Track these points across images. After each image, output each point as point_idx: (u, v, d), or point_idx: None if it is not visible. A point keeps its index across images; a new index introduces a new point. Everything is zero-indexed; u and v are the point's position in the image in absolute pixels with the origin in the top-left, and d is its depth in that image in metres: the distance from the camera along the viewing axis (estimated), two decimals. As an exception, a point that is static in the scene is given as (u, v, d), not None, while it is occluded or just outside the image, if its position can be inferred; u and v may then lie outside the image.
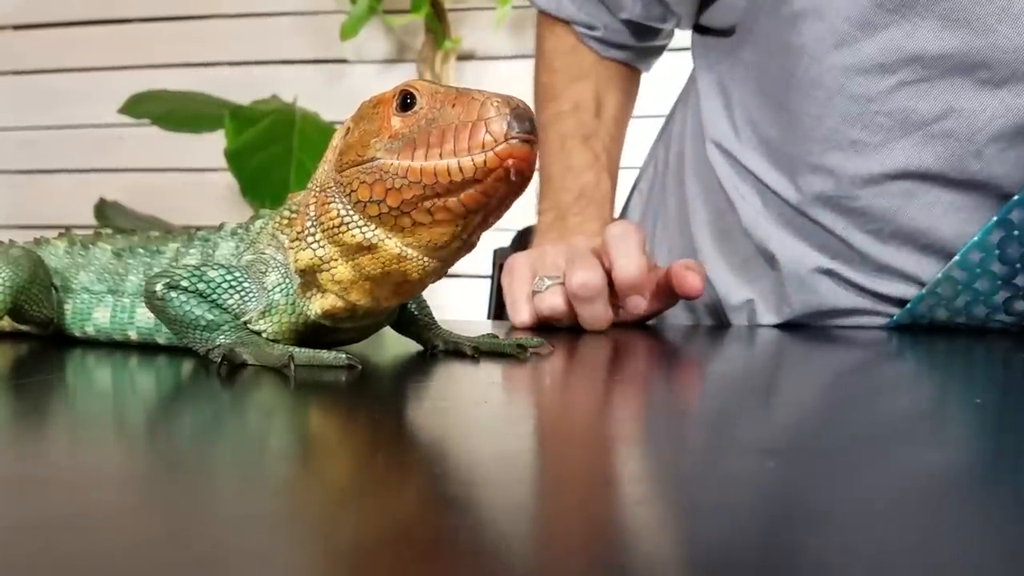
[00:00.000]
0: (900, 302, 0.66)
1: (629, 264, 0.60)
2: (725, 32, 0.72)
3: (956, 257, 0.60)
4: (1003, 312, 0.63)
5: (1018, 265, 0.59)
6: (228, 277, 0.40)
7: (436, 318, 0.48)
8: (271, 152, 1.33)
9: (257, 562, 0.15)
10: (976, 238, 0.59)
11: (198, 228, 0.46)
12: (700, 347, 0.59)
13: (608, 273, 0.61)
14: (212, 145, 1.40)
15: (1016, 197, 0.56)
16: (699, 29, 0.77)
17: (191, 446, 0.26)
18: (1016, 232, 0.57)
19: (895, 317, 0.66)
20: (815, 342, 0.61)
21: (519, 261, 0.66)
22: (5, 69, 1.74)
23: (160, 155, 1.67)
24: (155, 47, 1.68)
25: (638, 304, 0.61)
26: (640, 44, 0.79)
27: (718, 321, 0.75)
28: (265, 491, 0.20)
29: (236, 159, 1.31)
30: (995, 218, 0.57)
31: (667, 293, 0.62)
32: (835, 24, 0.59)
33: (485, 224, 0.37)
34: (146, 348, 0.45)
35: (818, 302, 0.68)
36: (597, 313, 0.60)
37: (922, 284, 0.64)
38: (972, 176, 0.59)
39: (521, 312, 0.63)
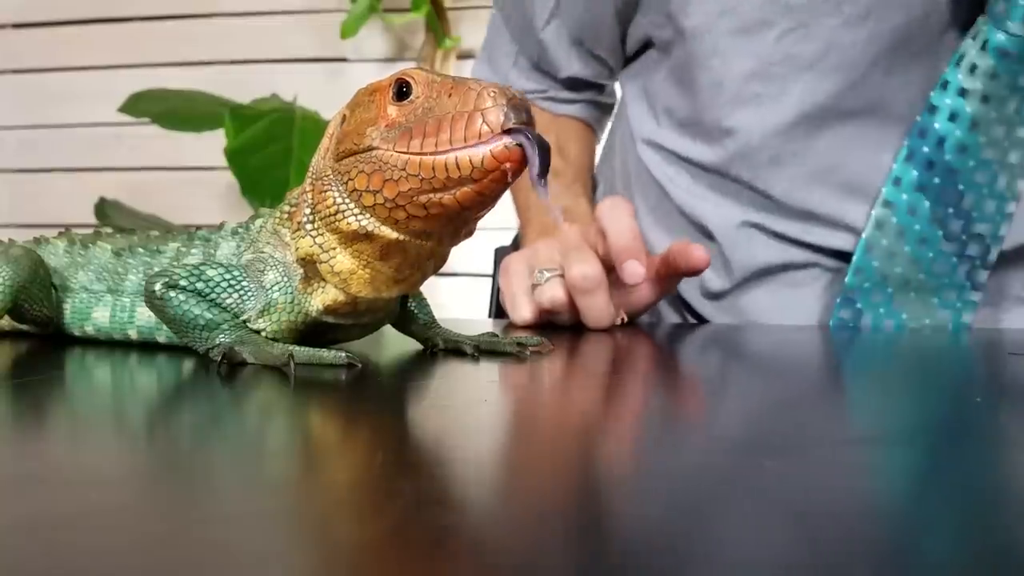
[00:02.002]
0: (845, 256, 0.68)
1: (621, 228, 0.60)
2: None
3: (880, 197, 0.64)
4: (970, 288, 0.64)
5: (950, 209, 0.63)
6: (227, 276, 0.40)
7: (436, 317, 0.48)
8: (271, 151, 1.32)
9: (256, 561, 0.15)
10: (895, 170, 0.63)
11: (198, 227, 0.46)
12: (700, 346, 0.59)
13: (604, 264, 0.61)
14: (212, 144, 1.40)
15: (918, 120, 0.62)
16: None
17: (191, 445, 0.26)
18: (928, 160, 0.62)
19: (849, 278, 0.66)
20: (814, 340, 0.61)
21: (514, 259, 0.66)
22: (5, 68, 1.74)
23: (160, 154, 1.66)
24: (155, 46, 1.68)
25: (635, 271, 0.59)
26: (587, 98, 0.86)
27: (679, 310, 0.77)
28: (265, 490, 0.20)
29: (236, 158, 1.31)
30: (904, 145, 0.62)
31: (666, 277, 0.63)
32: None
33: (479, 216, 0.38)
34: (146, 347, 0.45)
35: (752, 259, 0.71)
36: (599, 305, 0.60)
37: (859, 234, 0.67)
38: (866, 103, 0.65)
39: (522, 308, 0.63)
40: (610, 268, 0.61)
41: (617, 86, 0.87)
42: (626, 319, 0.63)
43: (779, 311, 0.72)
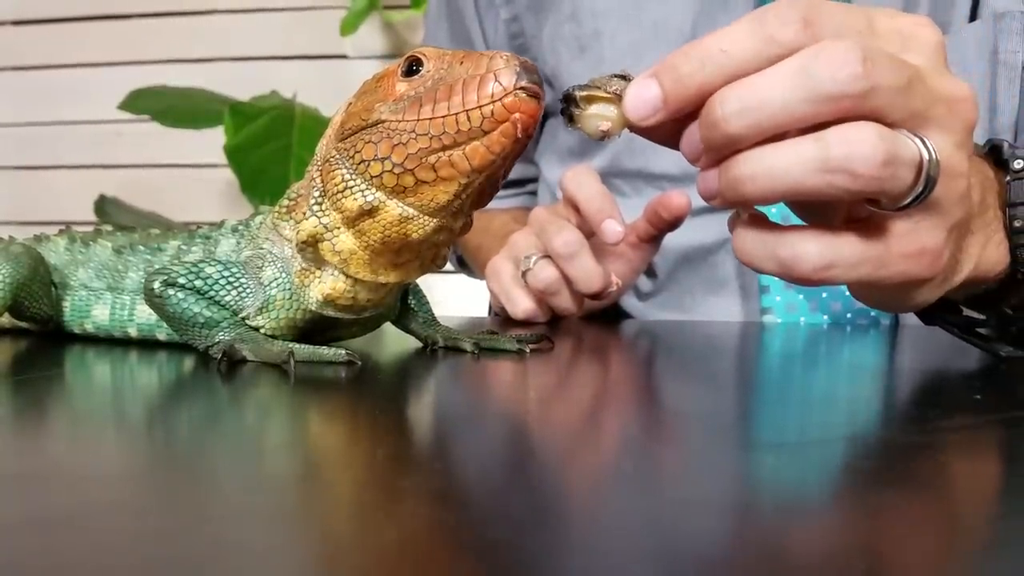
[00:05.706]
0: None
1: (591, 193, 0.60)
2: None
3: None
4: None
5: None
6: (225, 273, 0.40)
7: (436, 315, 0.48)
8: (271, 148, 1.32)
9: (256, 559, 0.15)
10: None
11: (199, 225, 0.46)
12: (699, 344, 0.59)
13: (583, 231, 0.61)
14: (212, 141, 1.39)
15: None
16: None
17: (191, 443, 0.26)
18: None
19: None
20: (815, 339, 0.61)
21: (497, 260, 0.66)
22: (5, 65, 1.74)
23: (160, 151, 1.66)
24: (155, 43, 1.68)
25: (614, 228, 0.59)
26: (526, 190, 0.91)
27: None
28: (264, 488, 0.20)
29: (236, 155, 1.31)
30: None
31: (649, 239, 0.63)
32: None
33: (485, 194, 0.37)
34: (146, 344, 0.45)
35: (675, 242, 0.70)
36: (586, 267, 0.59)
37: None
38: None
39: (518, 300, 0.63)
40: (589, 234, 0.60)
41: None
42: (620, 283, 0.62)
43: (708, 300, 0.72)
